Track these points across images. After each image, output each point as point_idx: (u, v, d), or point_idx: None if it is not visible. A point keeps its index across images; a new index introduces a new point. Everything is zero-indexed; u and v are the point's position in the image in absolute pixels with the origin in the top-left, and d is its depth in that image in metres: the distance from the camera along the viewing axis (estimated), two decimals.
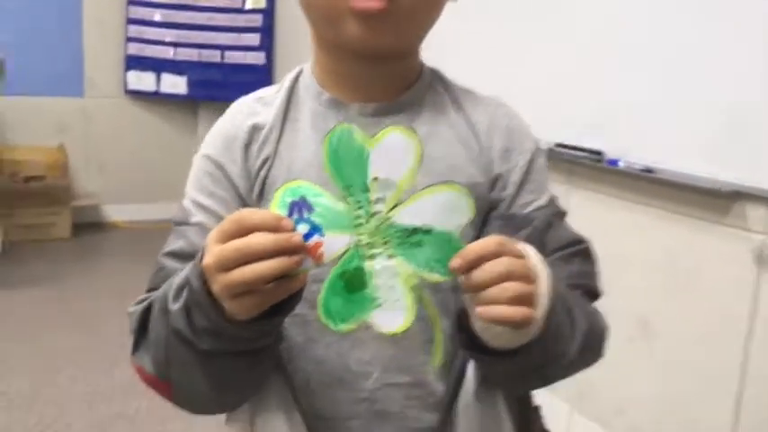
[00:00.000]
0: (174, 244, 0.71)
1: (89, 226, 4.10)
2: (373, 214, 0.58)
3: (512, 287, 0.55)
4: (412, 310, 0.60)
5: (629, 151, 1.70)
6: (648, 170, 1.64)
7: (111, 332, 2.69)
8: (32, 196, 3.77)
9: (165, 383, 0.66)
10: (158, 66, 4.12)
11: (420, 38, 0.73)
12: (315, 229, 0.56)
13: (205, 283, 0.57)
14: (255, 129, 0.72)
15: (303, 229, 0.56)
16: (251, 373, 0.65)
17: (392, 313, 0.60)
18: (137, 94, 4.20)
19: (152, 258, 0.74)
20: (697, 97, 1.53)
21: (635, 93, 1.68)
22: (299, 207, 0.56)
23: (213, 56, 4.08)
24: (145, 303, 0.68)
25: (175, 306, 0.61)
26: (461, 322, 0.62)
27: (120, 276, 3.36)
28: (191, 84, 4.13)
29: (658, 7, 1.61)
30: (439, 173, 0.68)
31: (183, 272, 0.62)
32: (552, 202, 0.75)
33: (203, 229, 0.69)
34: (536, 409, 0.79)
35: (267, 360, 0.66)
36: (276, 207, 0.57)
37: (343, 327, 0.61)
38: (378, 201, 0.59)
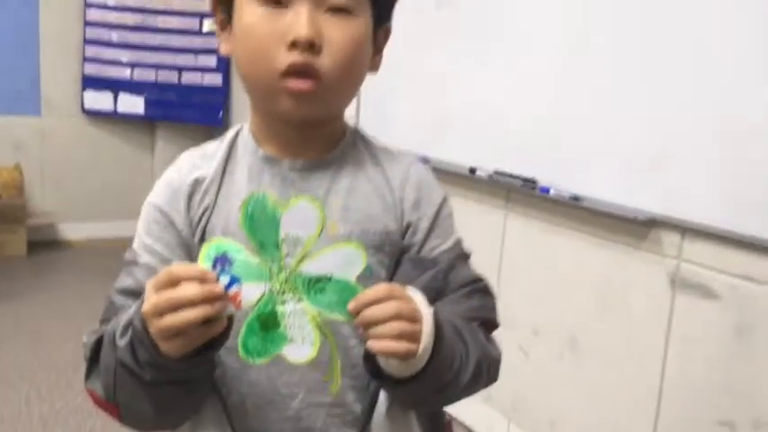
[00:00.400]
0: (124, 281, 0.80)
1: (44, 244, 4.11)
2: (284, 267, 0.69)
3: (397, 326, 0.66)
4: (317, 344, 0.70)
5: (559, 180, 1.82)
6: (576, 198, 1.76)
7: (65, 352, 2.72)
8: None
9: (114, 406, 0.75)
10: (116, 86, 4.16)
11: (344, 106, 0.84)
12: (235, 280, 0.67)
13: (145, 324, 0.66)
14: (198, 182, 0.82)
15: (225, 280, 0.66)
16: (189, 398, 0.75)
17: (301, 347, 0.69)
18: (94, 114, 4.23)
19: (106, 277, 0.83)
20: (617, 134, 1.66)
21: (564, 127, 1.80)
22: (222, 261, 0.67)
23: (171, 76, 4.13)
24: (97, 335, 0.77)
25: (122, 342, 0.70)
26: (368, 354, 0.72)
27: (75, 295, 3.38)
28: (148, 104, 4.17)
29: (583, 53, 1.74)
30: (358, 221, 0.79)
31: (129, 311, 0.71)
32: (457, 245, 0.86)
33: (150, 270, 0.78)
34: (448, 424, 0.89)
35: (203, 386, 0.75)
36: (202, 260, 0.67)
37: (260, 361, 0.70)
38: (287, 255, 0.69)
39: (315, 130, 0.81)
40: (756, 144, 1.39)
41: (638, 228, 1.65)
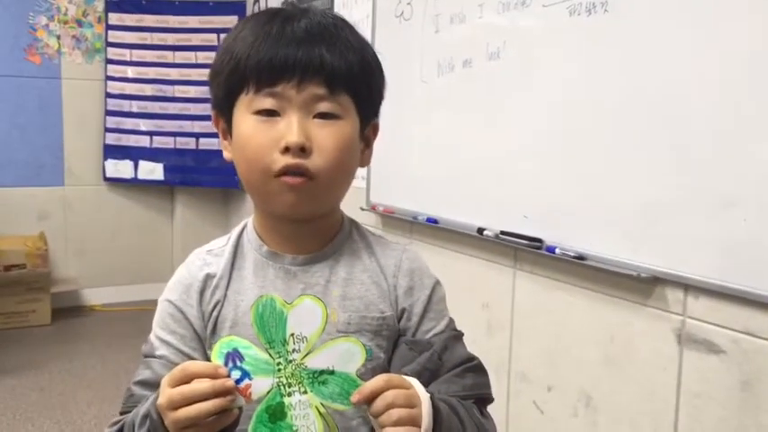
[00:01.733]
0: (142, 374, 0.86)
1: (68, 310, 4.20)
2: (290, 361, 0.75)
3: (396, 412, 0.72)
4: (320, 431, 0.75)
5: (565, 239, 1.86)
6: (581, 257, 1.80)
7: (88, 418, 2.76)
8: (12, 285, 3.87)
9: None
10: (136, 153, 4.30)
11: (338, 201, 0.91)
12: (245, 374, 0.73)
13: (161, 416, 0.72)
14: (209, 277, 0.88)
15: (236, 374, 0.73)
16: None
17: None
18: (115, 182, 4.36)
19: (128, 341, 0.90)
20: (619, 195, 1.70)
21: (567, 188, 1.85)
22: (233, 357, 0.74)
23: (188, 143, 4.26)
24: (117, 426, 0.83)
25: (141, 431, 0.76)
26: None
27: (97, 361, 3.44)
28: (167, 170, 4.30)
29: (584, 118, 1.80)
30: (356, 309, 0.85)
31: (147, 403, 0.77)
32: (449, 326, 0.91)
33: (166, 361, 0.85)
34: None
35: None
36: (215, 356, 0.74)
37: None
38: (294, 351, 0.76)
39: (311, 225, 0.88)
40: (752, 201, 1.42)
41: (642, 285, 1.68)
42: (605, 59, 1.73)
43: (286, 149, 0.79)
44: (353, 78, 0.83)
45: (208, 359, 0.86)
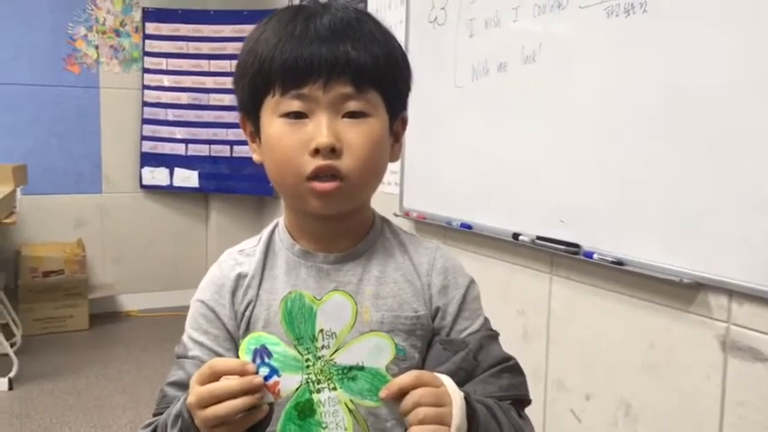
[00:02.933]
0: (175, 375, 0.85)
1: (105, 316, 4.25)
2: (319, 357, 0.74)
3: (422, 411, 0.70)
4: (350, 429, 0.74)
5: (602, 244, 1.82)
6: (619, 262, 1.76)
7: (123, 422, 2.79)
8: (51, 290, 3.93)
9: None
10: (171, 161, 4.35)
11: (368, 198, 0.89)
12: (274, 371, 0.72)
13: (192, 415, 0.72)
14: (240, 277, 0.88)
15: (264, 371, 0.72)
16: None
17: None
18: (151, 189, 4.41)
19: (163, 346, 0.90)
20: (658, 196, 1.67)
21: (605, 191, 1.81)
22: (261, 353, 0.73)
23: (223, 150, 4.30)
24: (151, 427, 0.82)
25: (173, 431, 0.76)
26: None
27: (133, 366, 3.48)
28: (202, 177, 4.34)
29: (621, 116, 1.76)
30: (389, 308, 0.84)
31: (178, 403, 0.77)
32: (484, 326, 0.89)
33: (199, 362, 0.83)
34: None
35: None
36: (242, 353, 0.73)
37: None
38: (323, 347, 0.74)
39: (343, 223, 0.87)
40: None
41: (684, 291, 1.63)
42: (643, 61, 1.69)
43: (316, 151, 0.78)
44: (380, 74, 0.81)
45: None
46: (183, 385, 0.82)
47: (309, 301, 0.74)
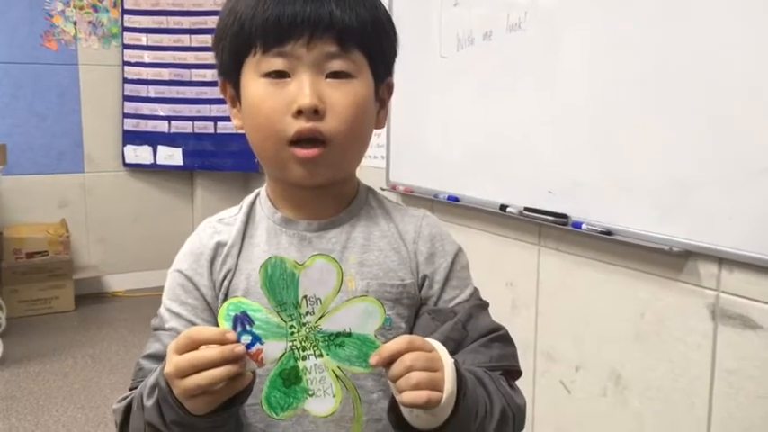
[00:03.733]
0: (152, 347, 0.82)
1: (91, 297, 4.21)
2: (304, 324, 0.71)
3: (415, 375, 0.66)
4: (339, 396, 0.71)
5: (591, 214, 1.80)
6: (608, 232, 1.74)
7: (109, 407, 2.76)
8: (35, 272, 3.88)
9: None
10: (154, 139, 4.28)
11: (354, 166, 0.86)
12: (256, 339, 0.69)
13: (170, 385, 0.68)
14: (219, 245, 0.85)
15: (246, 339, 0.68)
16: None
17: (323, 400, 0.71)
18: (135, 167, 4.35)
19: (149, 326, 0.87)
20: (647, 165, 1.64)
21: (593, 161, 1.79)
22: (242, 321, 0.69)
23: (206, 127, 4.24)
24: (126, 401, 0.79)
25: (149, 402, 0.72)
26: (393, 406, 0.73)
27: (120, 346, 3.46)
28: (186, 155, 4.28)
29: (610, 86, 1.73)
30: (374, 276, 0.81)
31: (155, 373, 0.73)
32: (473, 295, 0.86)
33: (176, 333, 0.79)
34: None
35: None
36: (222, 318, 0.69)
37: (283, 415, 0.72)
38: (307, 314, 0.71)
39: (327, 191, 0.84)
40: None
41: (673, 259, 1.62)
42: (632, 28, 1.66)
43: (299, 112, 0.75)
44: (366, 34, 0.78)
45: None
46: (159, 358, 0.79)
47: (291, 266, 0.71)
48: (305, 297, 0.70)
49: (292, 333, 0.70)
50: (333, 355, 0.70)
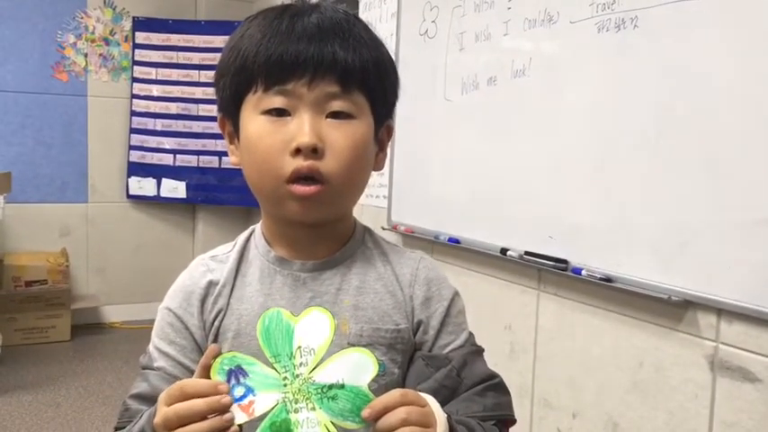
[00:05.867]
0: (139, 387, 0.81)
1: (88, 327, 4.19)
2: (297, 375, 0.70)
3: (408, 431, 0.65)
4: None
5: (591, 261, 1.80)
6: (608, 279, 1.74)
7: None
8: (33, 300, 3.87)
9: None
10: (159, 171, 4.31)
11: (351, 206, 0.86)
12: (249, 390, 0.68)
13: None
14: (211, 284, 0.83)
15: (240, 391, 0.68)
16: None
17: None
18: (138, 199, 4.37)
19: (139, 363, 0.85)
20: (648, 216, 1.65)
21: (594, 208, 1.80)
22: (236, 374, 0.69)
23: (211, 162, 4.27)
24: None
25: None
26: None
27: (116, 378, 3.42)
28: (189, 188, 4.30)
29: (611, 134, 1.75)
30: (368, 320, 0.80)
31: (141, 420, 0.73)
32: (469, 341, 0.85)
33: (164, 374, 0.80)
34: None
35: None
36: (215, 373, 0.69)
37: None
38: (301, 365, 0.70)
39: (323, 230, 0.83)
40: None
41: (672, 309, 1.61)
42: (634, 76, 1.68)
43: (297, 151, 0.75)
44: (368, 76, 0.78)
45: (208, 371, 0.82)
46: (146, 398, 0.79)
47: (287, 318, 0.71)
48: (299, 348, 0.70)
49: (285, 384, 0.69)
50: (326, 409, 0.69)
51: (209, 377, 0.69)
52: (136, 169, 4.31)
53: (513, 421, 0.83)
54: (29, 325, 3.87)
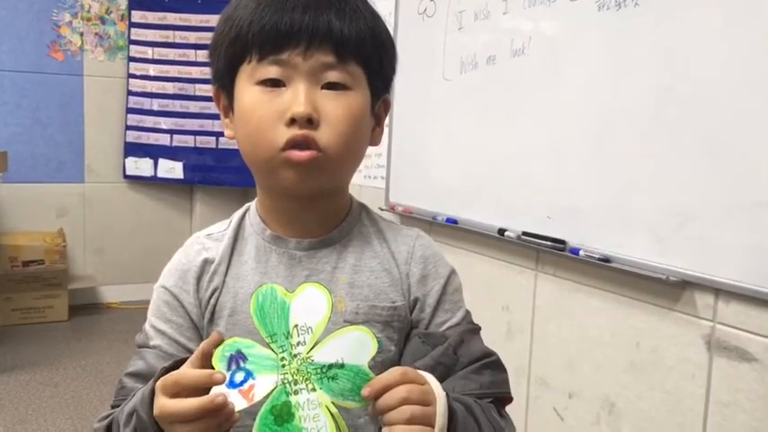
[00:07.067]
0: (135, 365, 0.81)
1: (85, 307, 4.19)
2: (295, 356, 0.68)
3: (409, 409, 0.65)
4: None
5: (589, 241, 1.80)
6: (606, 259, 1.74)
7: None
8: (30, 280, 3.87)
9: None
10: (156, 152, 4.29)
11: (346, 180, 0.85)
12: (249, 375, 0.67)
13: (150, 413, 0.68)
14: (206, 262, 0.83)
15: (240, 376, 0.67)
16: None
17: None
18: (134, 179, 4.35)
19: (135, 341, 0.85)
20: (647, 196, 1.64)
21: (592, 188, 1.79)
22: (236, 359, 0.68)
23: (208, 142, 4.25)
24: (107, 420, 0.78)
25: (126, 431, 0.72)
26: None
27: (113, 358, 3.43)
28: (186, 168, 4.28)
29: (611, 113, 1.74)
30: (365, 297, 0.80)
31: (134, 399, 0.72)
32: (465, 318, 0.85)
33: (160, 352, 0.80)
34: None
35: None
36: (216, 361, 0.68)
37: None
38: (299, 344, 0.69)
39: (319, 204, 0.82)
40: None
41: (670, 289, 1.61)
42: (634, 56, 1.67)
43: (292, 121, 0.74)
44: (364, 47, 0.77)
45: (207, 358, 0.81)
46: (142, 376, 0.78)
47: (282, 294, 0.70)
48: (296, 326, 0.69)
49: (283, 365, 0.68)
50: (326, 389, 0.68)
51: (207, 364, 0.68)
52: (133, 149, 4.29)
53: (510, 399, 0.83)
54: (26, 305, 3.87)
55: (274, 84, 0.76)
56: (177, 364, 0.71)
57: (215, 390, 0.65)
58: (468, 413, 0.74)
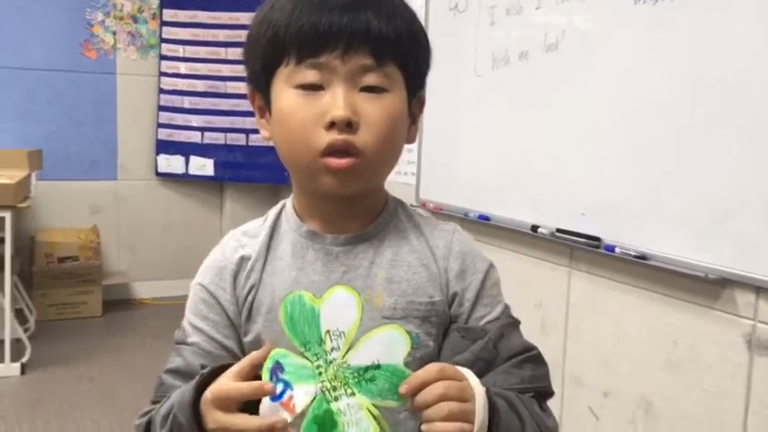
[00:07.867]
0: (174, 362, 0.81)
1: (118, 303, 4.25)
2: (331, 362, 0.68)
3: (446, 406, 0.65)
4: None
5: (625, 238, 1.78)
6: (642, 257, 1.71)
7: (134, 413, 2.77)
8: (65, 276, 3.93)
9: None
10: (187, 149, 4.33)
11: (383, 179, 0.85)
12: (286, 386, 0.67)
13: (189, 417, 0.69)
14: (243, 260, 0.83)
15: (279, 387, 0.67)
16: None
17: None
18: (166, 176, 4.39)
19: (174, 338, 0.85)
20: (685, 192, 1.61)
21: (629, 183, 1.77)
22: (275, 371, 0.68)
23: (239, 139, 4.27)
24: (147, 417, 0.79)
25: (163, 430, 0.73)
26: None
27: (147, 353, 3.47)
28: (217, 165, 4.32)
29: (647, 107, 1.71)
30: (402, 293, 0.79)
31: (171, 400, 0.74)
32: (505, 313, 0.84)
33: (198, 349, 0.80)
34: None
35: None
36: (265, 374, 0.69)
37: None
38: (333, 350, 0.68)
39: (356, 203, 0.82)
40: None
41: (709, 287, 1.58)
42: (671, 50, 1.64)
43: (331, 125, 0.73)
44: (402, 47, 0.77)
45: (242, 347, 0.81)
46: (181, 373, 0.79)
47: (310, 301, 0.69)
48: (328, 332, 0.68)
49: (320, 373, 0.68)
50: (365, 392, 0.67)
51: (253, 373, 0.69)
52: (164, 147, 4.34)
53: (552, 393, 0.82)
54: (61, 300, 3.93)
55: (313, 87, 0.75)
56: (218, 370, 0.72)
57: (264, 402, 0.66)
58: (511, 408, 0.73)
